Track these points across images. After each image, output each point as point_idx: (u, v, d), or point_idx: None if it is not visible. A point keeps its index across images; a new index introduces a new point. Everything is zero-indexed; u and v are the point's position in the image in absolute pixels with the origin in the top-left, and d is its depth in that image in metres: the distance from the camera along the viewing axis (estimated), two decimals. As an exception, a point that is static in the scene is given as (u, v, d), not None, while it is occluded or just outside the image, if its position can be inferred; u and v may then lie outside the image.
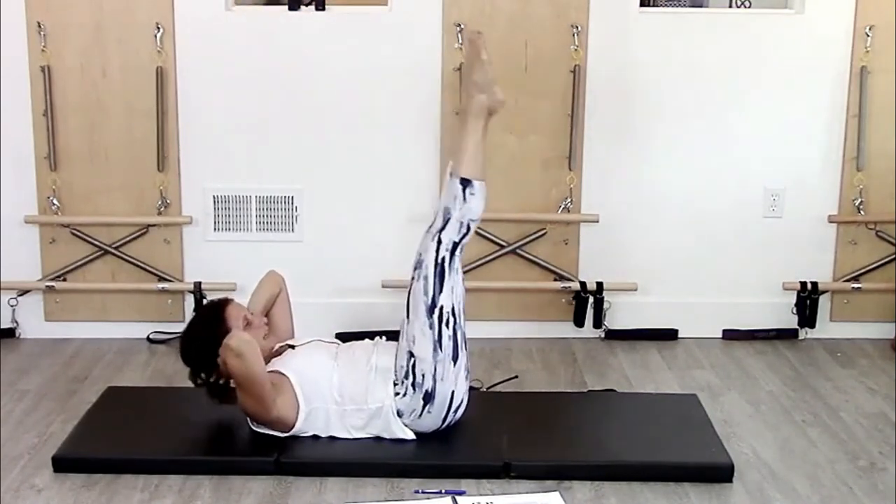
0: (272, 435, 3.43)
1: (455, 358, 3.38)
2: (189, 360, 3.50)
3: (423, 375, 3.35)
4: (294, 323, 3.78)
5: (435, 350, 3.35)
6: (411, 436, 3.40)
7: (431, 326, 3.35)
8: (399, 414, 3.38)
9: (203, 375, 3.48)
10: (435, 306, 3.36)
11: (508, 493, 3.20)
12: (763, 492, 3.24)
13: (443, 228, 3.42)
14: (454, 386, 3.38)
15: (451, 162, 3.51)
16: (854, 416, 3.84)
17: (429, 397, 3.36)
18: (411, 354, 3.37)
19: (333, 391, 3.39)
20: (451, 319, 3.37)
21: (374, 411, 3.38)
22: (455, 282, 3.40)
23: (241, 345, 3.24)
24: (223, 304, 3.53)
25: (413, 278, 3.43)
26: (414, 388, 3.36)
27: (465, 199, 3.41)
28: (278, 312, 3.73)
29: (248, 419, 3.44)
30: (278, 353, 3.56)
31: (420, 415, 3.38)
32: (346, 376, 3.40)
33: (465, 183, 3.42)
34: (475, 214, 3.45)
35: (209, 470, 3.31)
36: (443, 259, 3.39)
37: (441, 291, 3.37)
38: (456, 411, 3.42)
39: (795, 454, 3.52)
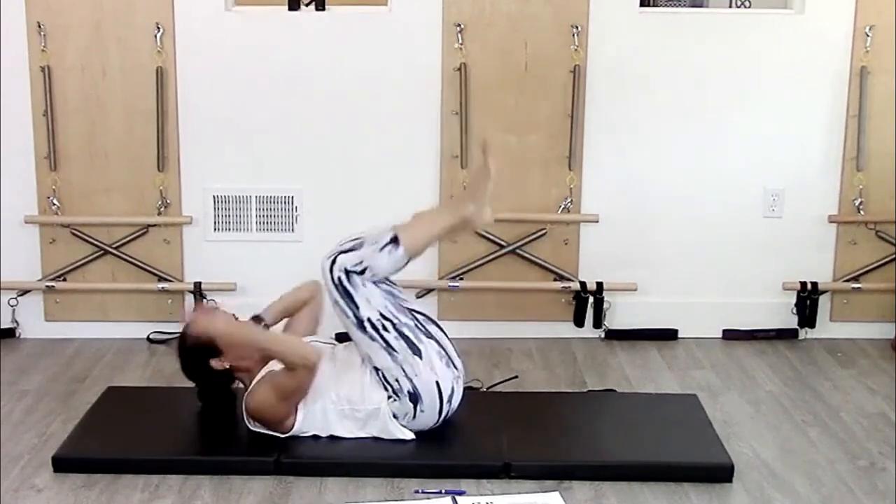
0: (272, 435, 3.43)
1: (416, 352, 3.36)
2: (189, 373, 3.55)
3: (398, 380, 3.35)
4: (319, 330, 3.77)
5: (390, 355, 3.34)
6: (410, 436, 3.41)
7: (373, 339, 3.35)
8: (395, 416, 3.39)
9: (205, 392, 3.54)
10: (361, 321, 3.35)
11: (508, 493, 3.20)
12: (763, 492, 3.24)
13: (345, 252, 3.38)
14: (435, 376, 3.37)
15: (406, 221, 3.46)
16: (854, 416, 3.84)
17: (415, 397, 3.36)
18: (376, 368, 3.37)
19: (331, 391, 3.39)
20: (386, 323, 3.35)
21: (370, 412, 3.39)
22: (368, 293, 3.36)
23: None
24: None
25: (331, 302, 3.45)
26: (398, 395, 3.36)
27: (381, 250, 3.35)
28: (302, 317, 3.73)
29: (246, 417, 3.43)
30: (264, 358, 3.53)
31: (414, 415, 3.38)
32: (343, 377, 3.41)
33: (395, 241, 3.37)
34: (379, 270, 3.36)
35: (209, 470, 3.31)
36: (339, 279, 3.37)
37: (357, 307, 3.35)
38: (450, 402, 3.41)
39: (795, 454, 3.52)
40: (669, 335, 4.64)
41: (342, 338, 4.56)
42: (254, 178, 4.55)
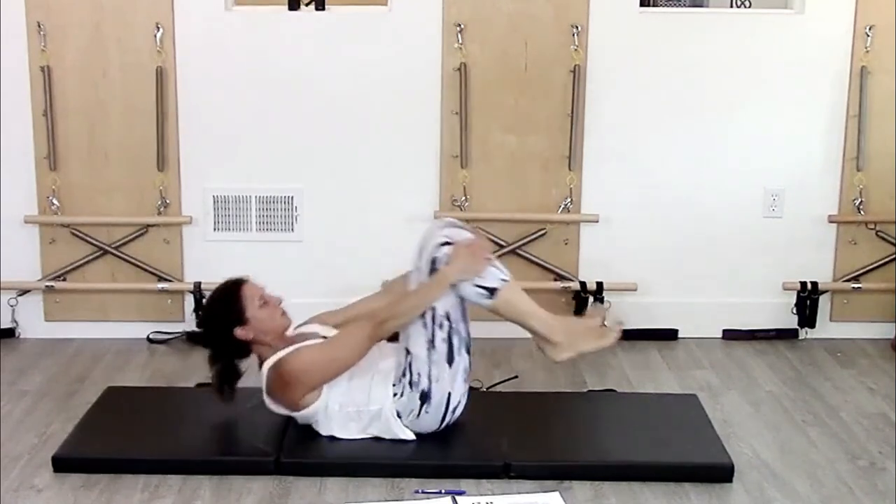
0: (272, 434, 3.43)
1: (450, 361, 3.37)
2: (207, 339, 3.50)
3: (419, 374, 3.35)
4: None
5: (429, 350, 3.35)
6: (411, 436, 3.41)
7: (425, 326, 3.35)
8: (398, 415, 3.38)
9: (217, 357, 3.47)
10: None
11: (508, 493, 3.20)
12: (763, 492, 3.24)
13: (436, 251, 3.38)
14: (451, 388, 3.38)
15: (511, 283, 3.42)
16: (854, 416, 3.84)
17: (425, 397, 3.36)
18: (408, 351, 3.37)
19: (340, 390, 3.38)
20: (446, 323, 3.35)
21: (374, 413, 3.39)
22: (448, 294, 3.36)
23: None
24: (239, 283, 3.49)
25: (412, 270, 3.44)
26: (411, 387, 3.36)
27: (478, 288, 3.34)
28: (352, 316, 3.68)
29: (268, 383, 3.38)
30: (291, 338, 3.49)
31: (418, 415, 3.38)
32: (353, 379, 3.40)
33: (493, 293, 3.35)
34: (465, 294, 3.35)
35: (209, 470, 3.31)
36: (434, 261, 3.37)
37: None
38: (454, 412, 3.42)
39: (795, 454, 3.52)
40: (669, 335, 4.64)
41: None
42: (254, 178, 4.55)
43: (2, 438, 3.57)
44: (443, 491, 3.18)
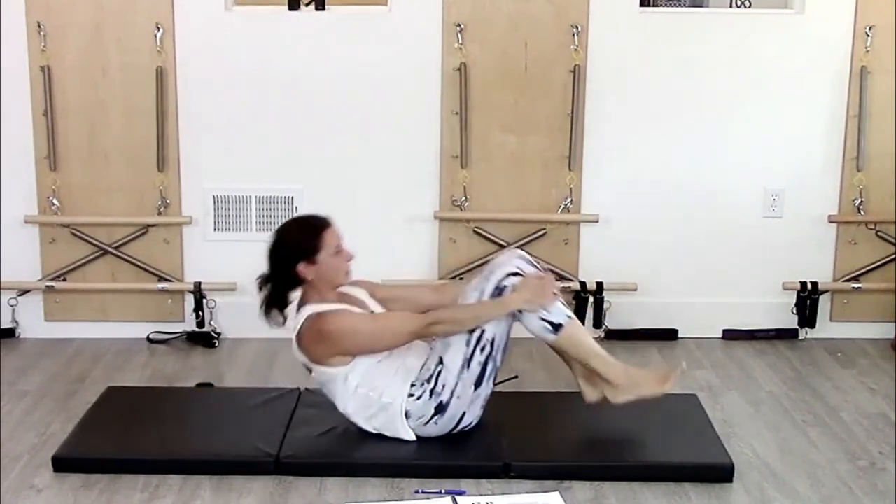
0: (272, 434, 3.44)
1: (477, 384, 3.36)
2: (270, 258, 3.43)
3: (444, 386, 3.34)
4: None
5: (462, 367, 3.34)
6: (412, 437, 3.40)
7: (468, 343, 3.34)
8: (407, 415, 3.38)
9: (270, 280, 3.43)
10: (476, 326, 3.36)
11: (508, 493, 3.20)
12: (763, 492, 3.24)
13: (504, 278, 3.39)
14: (467, 409, 3.38)
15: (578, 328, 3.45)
16: (854, 416, 3.84)
17: (441, 409, 3.36)
18: (441, 360, 3.36)
19: (365, 368, 3.35)
20: (488, 348, 3.35)
21: (383, 405, 3.37)
22: (506, 321, 3.37)
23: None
24: (324, 224, 3.43)
25: (477, 283, 3.42)
26: (430, 395, 3.35)
27: (545, 322, 3.36)
28: (402, 293, 3.69)
29: (302, 330, 3.37)
30: (340, 294, 3.47)
31: (427, 422, 3.38)
32: (381, 362, 3.37)
33: (557, 328, 3.36)
34: (530, 326, 3.39)
35: (209, 470, 3.31)
36: (502, 285, 3.37)
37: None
38: (461, 429, 3.42)
39: (795, 454, 3.52)
40: (669, 335, 4.64)
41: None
42: (254, 178, 4.55)
43: (2, 438, 3.57)
44: (443, 491, 3.18)
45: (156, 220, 4.54)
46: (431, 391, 3.35)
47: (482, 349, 3.34)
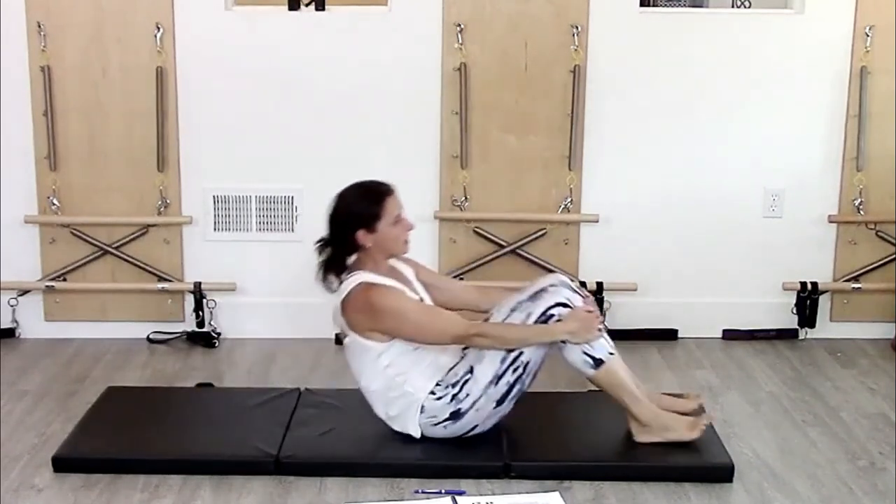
0: (272, 434, 3.44)
1: (499, 403, 3.35)
2: (331, 221, 3.43)
3: (467, 395, 3.34)
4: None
5: (490, 382, 3.33)
6: (418, 434, 3.40)
7: (502, 361, 3.33)
8: (422, 409, 3.36)
9: (329, 244, 3.42)
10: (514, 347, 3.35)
11: (508, 493, 3.20)
12: (763, 492, 3.24)
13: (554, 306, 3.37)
14: (480, 422, 3.38)
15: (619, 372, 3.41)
16: (854, 416, 3.84)
17: (456, 416, 3.35)
18: (471, 370, 3.35)
19: (400, 351, 3.34)
20: (520, 370, 3.33)
21: (405, 393, 3.36)
22: (546, 347, 3.36)
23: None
24: (387, 192, 3.41)
25: (519, 302, 3.40)
26: (451, 400, 3.34)
27: (587, 356, 3.34)
28: (446, 283, 3.69)
29: (347, 298, 3.37)
30: (391, 267, 3.46)
31: (437, 423, 3.37)
32: (418, 350, 3.36)
33: (599, 363, 3.34)
34: (570, 359, 3.37)
35: (209, 470, 3.30)
36: (551, 311, 3.34)
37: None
38: (469, 437, 3.42)
39: (795, 454, 3.52)
40: (669, 335, 4.64)
41: (340, 338, 4.57)
42: (254, 178, 4.55)
43: (2, 438, 3.57)
44: (443, 491, 3.18)
45: (156, 220, 4.54)
46: (453, 396, 3.34)
47: (514, 370, 3.33)
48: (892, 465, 3.44)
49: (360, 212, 3.38)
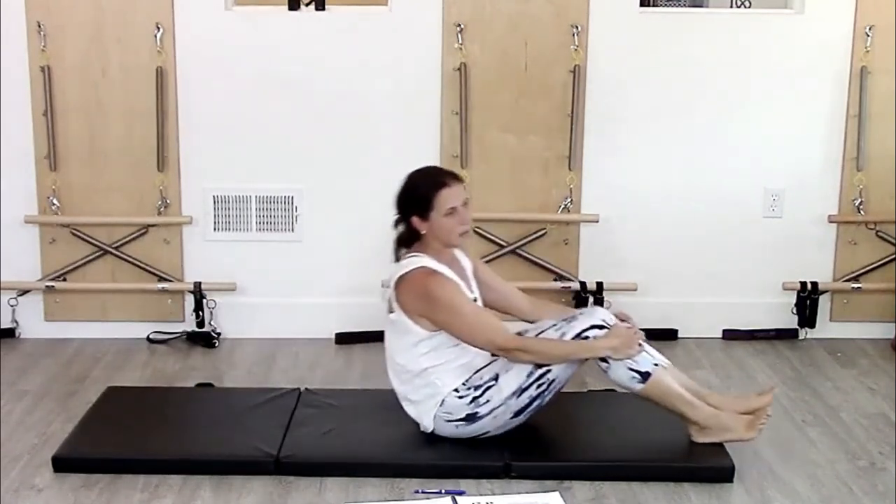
0: (272, 434, 3.44)
1: (517, 415, 3.36)
2: (396, 203, 3.44)
3: (487, 401, 3.34)
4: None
5: (513, 394, 3.33)
6: (430, 427, 3.40)
7: (529, 375, 3.32)
8: (442, 403, 3.36)
9: (400, 222, 3.44)
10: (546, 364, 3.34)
11: (508, 493, 3.20)
12: (763, 492, 3.24)
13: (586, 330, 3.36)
14: (492, 428, 3.38)
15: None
16: (854, 416, 3.84)
17: (471, 419, 3.36)
18: (496, 378, 3.35)
19: (443, 341, 3.34)
20: (544, 387, 3.33)
21: (432, 383, 3.36)
22: (574, 367, 3.36)
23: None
24: (443, 182, 3.39)
25: (554, 322, 3.40)
26: (471, 402, 3.34)
27: (633, 373, 3.33)
28: (502, 287, 3.66)
29: (404, 277, 3.38)
30: (451, 257, 3.45)
31: (450, 421, 3.37)
32: (459, 346, 3.35)
33: (646, 377, 3.32)
34: (615, 376, 3.36)
35: (209, 470, 3.30)
36: (584, 331, 3.33)
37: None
38: (474, 439, 3.42)
39: (795, 454, 3.52)
40: (669, 335, 4.64)
41: (341, 338, 4.58)
42: (254, 178, 4.55)
43: (2, 438, 3.57)
44: (443, 491, 3.18)
45: (156, 220, 4.54)
46: (474, 399, 3.35)
47: (539, 385, 3.33)
48: (892, 465, 3.44)
49: (414, 198, 3.40)
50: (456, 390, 3.36)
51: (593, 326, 3.33)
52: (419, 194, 3.39)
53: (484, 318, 3.39)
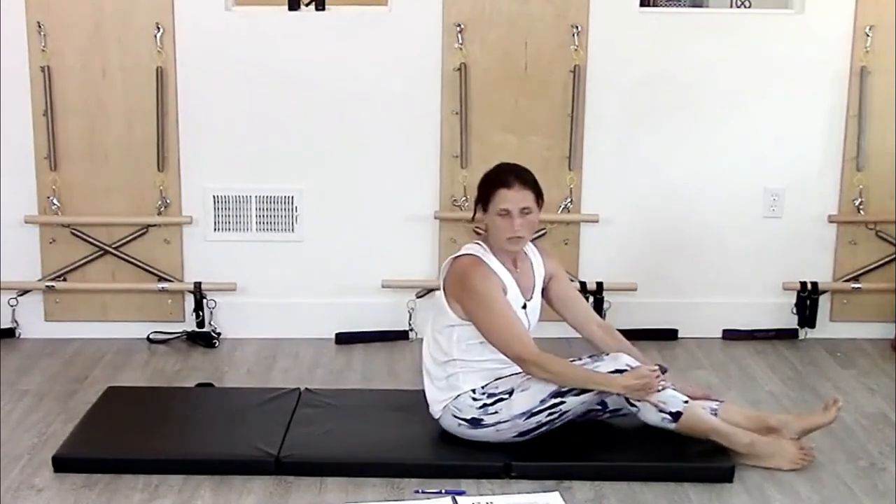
0: (272, 434, 3.44)
1: (521, 435, 3.36)
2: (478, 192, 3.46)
3: (496, 413, 3.34)
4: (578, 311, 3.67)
5: (523, 414, 3.32)
6: (437, 414, 3.42)
7: (542, 401, 3.32)
8: (456, 398, 3.37)
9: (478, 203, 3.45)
10: (561, 392, 3.32)
11: (508, 493, 3.20)
12: (763, 492, 3.24)
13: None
14: (494, 439, 3.38)
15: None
16: (854, 416, 3.84)
17: (476, 424, 3.36)
18: (511, 393, 3.35)
19: (473, 336, 3.34)
20: (555, 414, 3.33)
21: (455, 374, 3.37)
22: (588, 401, 3.34)
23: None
24: (504, 182, 3.36)
25: (584, 356, 3.42)
26: (481, 408, 3.35)
27: (659, 409, 3.34)
28: (576, 303, 3.66)
29: (454, 258, 3.44)
30: (515, 256, 3.45)
31: (455, 416, 3.38)
32: (485, 343, 3.35)
33: (677, 417, 3.32)
34: (644, 414, 3.37)
35: (209, 470, 3.30)
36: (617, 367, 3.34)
37: (578, 393, 3.32)
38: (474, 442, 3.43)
39: (795, 454, 3.52)
40: (669, 335, 4.64)
41: (341, 338, 4.58)
42: (254, 178, 4.55)
43: (2, 438, 3.57)
44: (443, 491, 3.18)
45: (156, 219, 4.54)
46: (484, 405, 3.35)
47: (550, 413, 3.33)
48: (892, 465, 3.44)
49: (481, 188, 3.43)
50: (473, 391, 3.37)
51: (616, 371, 3.32)
52: (484, 187, 3.42)
53: (512, 323, 3.36)
